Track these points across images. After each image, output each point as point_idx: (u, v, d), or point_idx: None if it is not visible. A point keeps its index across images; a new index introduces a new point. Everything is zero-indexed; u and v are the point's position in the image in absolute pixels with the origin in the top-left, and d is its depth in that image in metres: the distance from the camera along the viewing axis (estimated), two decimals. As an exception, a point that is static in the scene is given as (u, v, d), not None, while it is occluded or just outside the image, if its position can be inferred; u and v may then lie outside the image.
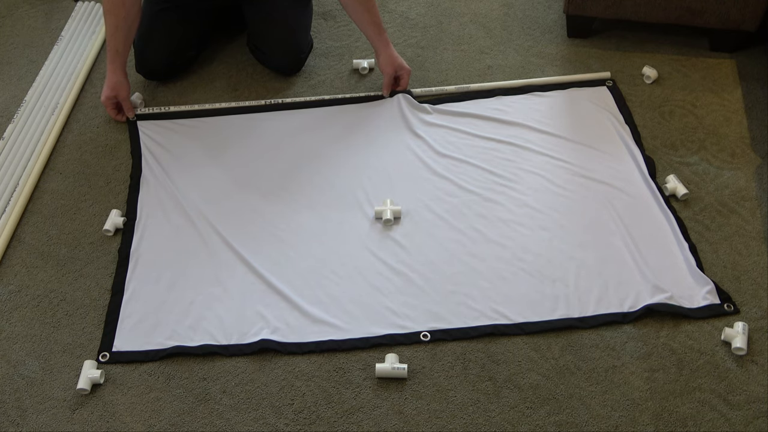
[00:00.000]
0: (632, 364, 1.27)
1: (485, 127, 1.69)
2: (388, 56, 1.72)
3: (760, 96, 1.74)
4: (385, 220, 1.49)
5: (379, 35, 1.69)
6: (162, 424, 1.22)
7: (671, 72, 1.82)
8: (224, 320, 1.35)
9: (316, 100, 1.77)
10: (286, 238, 1.48)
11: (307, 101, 1.77)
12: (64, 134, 1.75)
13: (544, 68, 1.86)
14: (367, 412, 1.23)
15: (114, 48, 1.65)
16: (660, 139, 1.65)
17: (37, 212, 1.57)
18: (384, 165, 1.62)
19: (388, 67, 1.72)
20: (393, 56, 1.72)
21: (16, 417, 1.24)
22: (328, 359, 1.30)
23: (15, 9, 2.16)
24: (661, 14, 1.80)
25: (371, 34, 1.70)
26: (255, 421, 1.22)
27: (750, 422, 1.19)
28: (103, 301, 1.40)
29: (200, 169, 1.63)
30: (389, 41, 1.72)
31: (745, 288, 1.37)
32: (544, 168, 1.59)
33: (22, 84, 1.89)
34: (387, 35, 1.71)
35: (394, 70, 1.73)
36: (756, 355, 1.27)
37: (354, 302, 1.37)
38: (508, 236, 1.47)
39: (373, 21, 1.68)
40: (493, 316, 1.34)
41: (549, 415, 1.21)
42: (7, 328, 1.37)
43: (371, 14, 1.67)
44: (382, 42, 1.70)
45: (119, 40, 1.64)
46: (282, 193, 1.57)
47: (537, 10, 2.05)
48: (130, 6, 1.61)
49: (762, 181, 1.55)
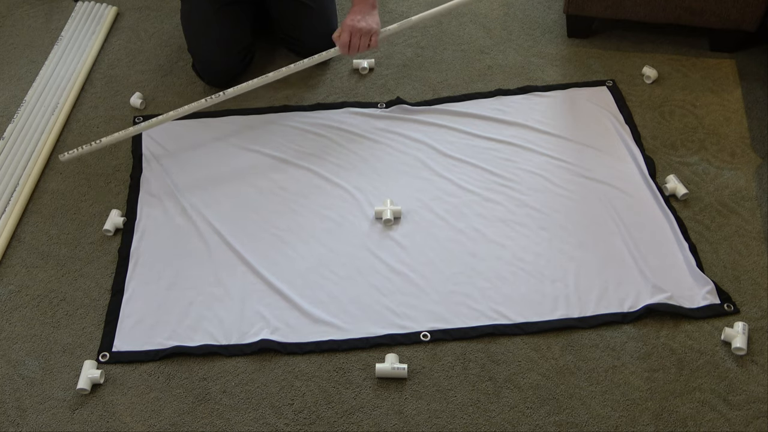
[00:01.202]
0: (632, 364, 1.27)
1: (485, 127, 1.69)
2: (355, 13, 1.60)
3: (760, 96, 1.74)
4: (385, 220, 1.49)
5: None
6: (162, 424, 1.22)
7: (671, 72, 1.82)
8: (224, 320, 1.35)
9: (315, 105, 1.77)
10: (286, 238, 1.48)
11: (306, 106, 1.77)
12: (64, 134, 1.75)
13: (544, 68, 1.86)
14: (367, 412, 1.23)
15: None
16: (660, 139, 1.65)
17: (37, 212, 1.57)
18: (384, 165, 1.62)
19: (345, 22, 1.61)
20: (356, 14, 1.60)
21: (16, 417, 1.24)
22: (328, 359, 1.30)
23: (15, 9, 2.16)
24: (661, 14, 1.80)
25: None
26: (255, 421, 1.22)
27: (750, 422, 1.19)
28: (103, 301, 1.40)
29: (200, 169, 1.63)
30: (372, 1, 1.62)
31: (745, 288, 1.37)
32: (544, 168, 1.59)
33: (22, 84, 1.89)
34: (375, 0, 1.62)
35: (350, 28, 1.60)
36: (756, 355, 1.27)
37: (354, 302, 1.37)
38: (508, 236, 1.47)
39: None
40: (493, 316, 1.34)
41: (549, 415, 1.21)
42: (7, 328, 1.37)
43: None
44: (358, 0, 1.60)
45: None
46: (282, 192, 1.57)
47: (537, 10, 2.05)
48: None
49: (762, 181, 1.55)
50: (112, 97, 1.84)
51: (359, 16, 1.61)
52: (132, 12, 2.12)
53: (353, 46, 1.62)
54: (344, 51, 1.63)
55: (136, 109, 1.80)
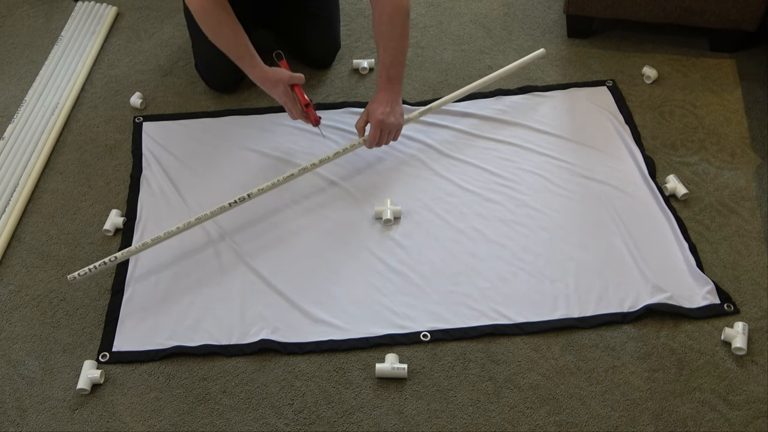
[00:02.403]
0: (632, 364, 1.27)
1: (485, 127, 1.69)
2: (382, 103, 1.49)
3: (760, 96, 1.74)
4: (385, 220, 1.49)
5: (388, 78, 1.49)
6: (162, 424, 1.22)
7: (671, 72, 1.82)
8: (224, 320, 1.35)
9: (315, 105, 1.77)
10: (286, 238, 1.48)
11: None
12: (64, 134, 1.75)
13: (544, 68, 1.86)
14: (367, 412, 1.23)
15: (248, 52, 1.48)
16: (660, 139, 1.65)
17: (37, 212, 1.57)
18: (384, 165, 1.62)
19: (374, 115, 1.49)
20: (385, 106, 1.49)
21: (16, 417, 1.24)
22: (328, 359, 1.30)
23: (15, 9, 2.16)
24: (661, 14, 1.80)
25: (381, 68, 1.51)
26: (255, 421, 1.22)
27: (750, 422, 1.19)
28: (103, 301, 1.40)
29: (200, 169, 1.63)
30: (398, 88, 1.51)
31: (745, 288, 1.37)
32: (544, 168, 1.59)
33: (22, 84, 1.89)
34: (400, 85, 1.52)
35: (379, 124, 1.48)
36: (756, 355, 1.27)
37: (354, 302, 1.37)
38: (508, 236, 1.47)
39: (390, 53, 1.48)
40: (493, 316, 1.34)
41: (549, 415, 1.21)
42: (7, 328, 1.37)
43: (394, 46, 1.48)
44: (384, 83, 1.50)
45: (247, 42, 1.49)
46: (282, 193, 1.57)
47: (537, 10, 2.05)
48: (227, 6, 1.47)
49: (762, 181, 1.55)
50: (112, 97, 1.84)
51: (388, 108, 1.49)
52: (132, 12, 2.12)
53: (380, 143, 1.53)
54: (370, 146, 1.54)
55: (136, 109, 1.80)
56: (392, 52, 1.49)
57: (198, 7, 1.45)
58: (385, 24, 1.47)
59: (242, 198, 1.43)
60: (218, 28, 1.47)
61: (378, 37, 1.49)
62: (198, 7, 1.45)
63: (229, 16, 1.47)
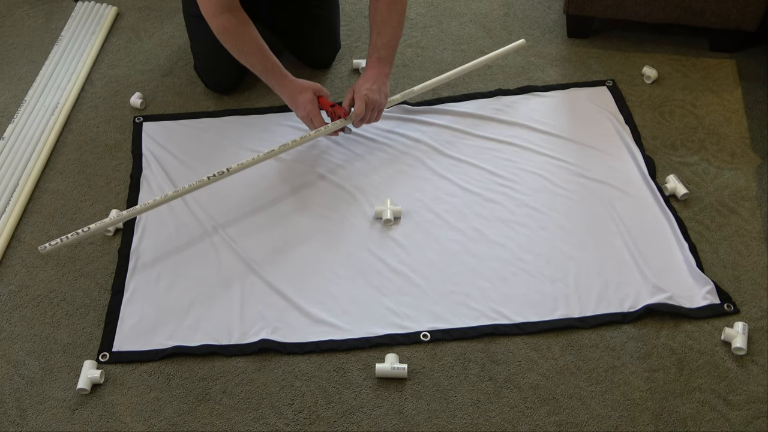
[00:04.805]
0: (632, 364, 1.27)
1: (485, 127, 1.69)
2: (369, 80, 1.49)
3: (760, 96, 1.74)
4: (385, 220, 1.49)
5: (378, 58, 1.50)
6: (162, 424, 1.22)
7: (671, 72, 1.82)
8: (224, 320, 1.35)
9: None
10: (286, 238, 1.48)
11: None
12: (64, 134, 1.75)
13: (544, 68, 1.86)
14: (367, 412, 1.23)
15: (275, 65, 1.49)
16: (660, 139, 1.65)
17: (37, 212, 1.57)
18: (384, 165, 1.62)
19: (360, 90, 1.48)
20: (372, 83, 1.49)
21: (16, 417, 1.24)
22: (328, 359, 1.30)
23: (15, 9, 2.16)
24: (661, 14, 1.80)
25: (372, 48, 1.52)
26: (255, 421, 1.22)
27: (750, 422, 1.19)
28: (103, 301, 1.40)
29: (200, 169, 1.62)
30: (387, 70, 1.51)
31: (745, 288, 1.37)
32: (544, 168, 1.59)
33: (22, 84, 1.89)
34: (389, 68, 1.52)
35: (365, 98, 1.48)
36: (756, 355, 1.27)
37: (354, 302, 1.37)
38: (508, 236, 1.47)
39: (383, 38, 1.49)
40: (493, 316, 1.34)
41: (549, 415, 1.21)
42: (7, 328, 1.37)
43: (389, 32, 1.49)
44: (374, 61, 1.51)
45: (272, 56, 1.49)
46: (282, 192, 1.57)
47: (537, 10, 2.05)
48: (248, 22, 1.46)
49: (762, 181, 1.55)
50: (112, 97, 1.84)
51: (375, 85, 1.49)
52: (132, 12, 2.12)
53: (366, 119, 1.52)
54: (357, 123, 1.53)
55: (136, 109, 1.80)
56: (386, 37, 1.50)
57: (219, 27, 1.41)
58: (381, 11, 1.48)
59: (221, 172, 1.43)
60: (243, 47, 1.45)
61: (373, 21, 1.50)
62: (219, 27, 1.41)
63: (252, 32, 1.44)
